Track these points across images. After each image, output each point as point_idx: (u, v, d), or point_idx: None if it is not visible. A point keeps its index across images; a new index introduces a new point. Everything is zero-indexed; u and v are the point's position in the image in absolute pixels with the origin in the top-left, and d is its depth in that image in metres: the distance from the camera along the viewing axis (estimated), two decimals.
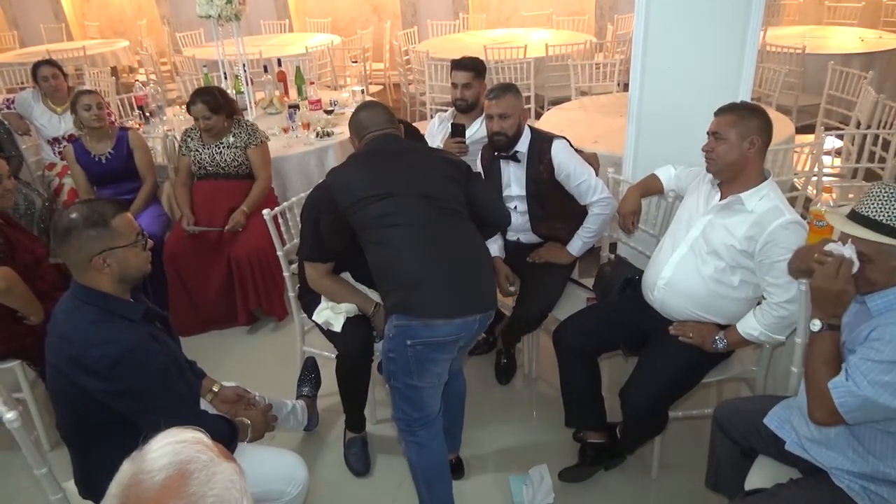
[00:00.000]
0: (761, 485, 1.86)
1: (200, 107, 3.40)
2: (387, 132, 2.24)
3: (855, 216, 1.61)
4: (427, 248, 2.06)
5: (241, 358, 3.38)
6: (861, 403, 1.54)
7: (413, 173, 2.16)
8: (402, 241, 2.06)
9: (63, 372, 1.66)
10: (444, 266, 2.05)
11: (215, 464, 0.94)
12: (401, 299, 2.04)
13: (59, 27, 9.21)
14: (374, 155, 2.20)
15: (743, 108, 2.16)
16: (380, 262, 2.11)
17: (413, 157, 2.25)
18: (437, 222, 2.10)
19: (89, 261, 1.66)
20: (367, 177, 2.13)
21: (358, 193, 2.10)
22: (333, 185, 2.17)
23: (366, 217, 2.09)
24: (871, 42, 5.90)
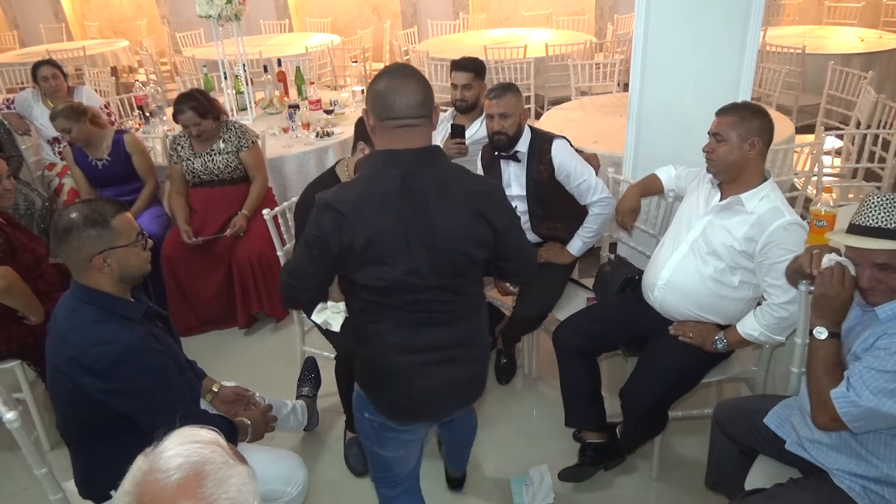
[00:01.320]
0: (761, 484, 1.85)
1: (189, 115, 3.29)
2: (417, 129, 1.61)
3: (858, 229, 1.61)
4: (410, 339, 1.69)
5: (240, 358, 3.38)
6: (864, 413, 1.54)
7: (434, 236, 1.60)
8: (385, 326, 1.69)
9: (63, 372, 1.66)
10: (420, 367, 1.71)
11: (230, 466, 0.95)
12: (364, 377, 1.81)
13: (59, 27, 9.21)
14: (394, 196, 1.58)
15: (744, 108, 2.16)
16: (358, 323, 1.76)
17: (444, 205, 1.60)
18: (435, 305, 1.67)
19: (89, 260, 1.66)
20: (377, 228, 1.58)
21: (363, 251, 1.59)
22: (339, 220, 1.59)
23: (355, 275, 1.66)
24: (871, 42, 5.90)
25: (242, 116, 4.49)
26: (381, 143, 1.64)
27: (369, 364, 1.76)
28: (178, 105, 3.33)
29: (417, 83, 1.61)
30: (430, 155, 1.64)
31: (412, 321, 1.67)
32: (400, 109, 1.58)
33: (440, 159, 1.67)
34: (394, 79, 1.60)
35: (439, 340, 1.70)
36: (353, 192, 1.60)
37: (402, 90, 1.58)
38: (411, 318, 1.67)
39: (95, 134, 3.54)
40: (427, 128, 1.64)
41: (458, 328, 1.72)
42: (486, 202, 1.65)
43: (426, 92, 1.62)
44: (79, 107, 3.48)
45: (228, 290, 3.50)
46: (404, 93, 1.58)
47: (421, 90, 1.60)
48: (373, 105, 1.62)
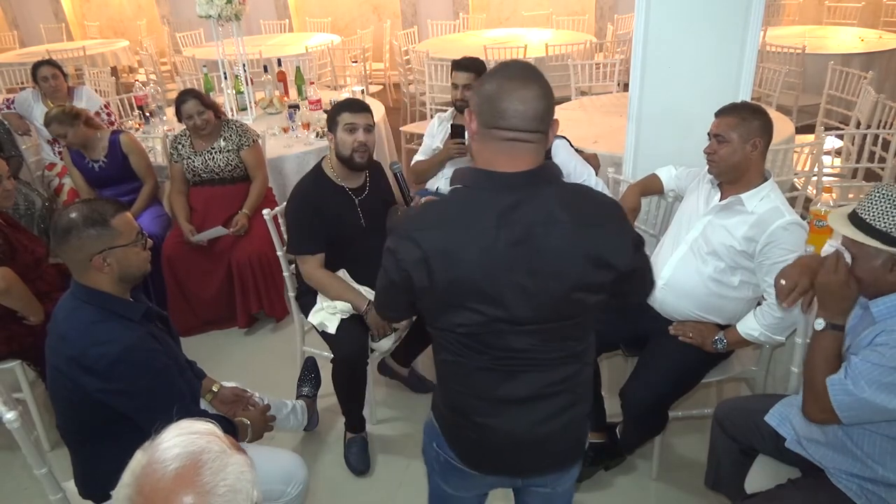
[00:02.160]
0: (761, 484, 1.86)
1: (193, 102, 3.35)
2: (529, 147, 1.32)
3: (853, 217, 1.62)
4: (496, 384, 1.44)
5: (240, 358, 3.38)
6: (856, 403, 1.54)
7: (535, 280, 1.32)
8: (468, 367, 1.45)
9: (63, 372, 1.66)
10: (503, 414, 1.47)
11: (227, 455, 0.96)
12: (440, 411, 1.58)
13: (58, 27, 9.21)
14: (488, 233, 1.30)
15: (744, 109, 2.16)
16: (437, 356, 1.53)
17: (549, 243, 1.31)
18: (529, 350, 1.41)
19: (89, 260, 1.66)
20: (464, 270, 1.32)
21: (446, 293, 1.35)
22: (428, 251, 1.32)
23: (435, 317, 1.43)
24: (872, 42, 5.90)
25: (242, 116, 4.49)
26: (483, 156, 1.35)
27: (446, 399, 1.54)
28: (181, 97, 3.39)
29: (540, 89, 1.30)
30: (539, 179, 1.34)
31: (500, 367, 1.42)
32: (513, 119, 1.29)
33: (552, 184, 1.35)
34: (511, 80, 1.30)
35: (530, 387, 1.44)
36: (438, 221, 1.35)
37: (519, 95, 1.28)
38: (499, 364, 1.42)
39: (91, 136, 3.53)
40: (542, 146, 1.34)
41: (554, 375, 1.45)
42: (601, 240, 1.34)
43: (549, 101, 1.32)
44: (71, 111, 3.47)
45: (228, 290, 3.51)
46: (522, 99, 1.28)
47: (543, 98, 1.30)
48: (479, 108, 1.33)
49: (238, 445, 1.01)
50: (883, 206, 1.55)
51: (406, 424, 2.86)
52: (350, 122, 2.42)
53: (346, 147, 2.45)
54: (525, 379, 1.43)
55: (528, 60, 5.52)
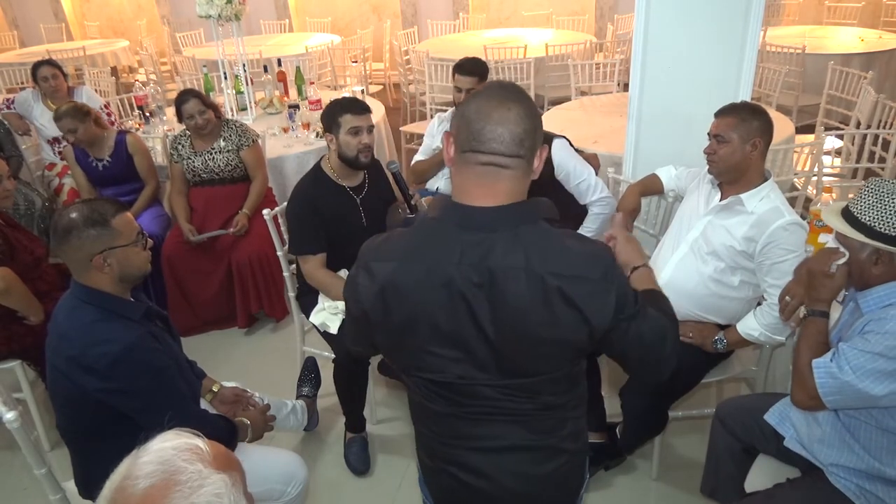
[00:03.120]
0: (761, 483, 1.86)
1: (194, 102, 3.36)
2: (505, 173, 1.20)
3: (845, 211, 1.65)
4: (468, 429, 1.33)
5: (240, 358, 3.38)
6: (840, 387, 1.56)
7: (499, 330, 1.21)
8: (437, 411, 1.34)
9: (63, 371, 1.66)
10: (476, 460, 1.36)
11: (202, 476, 0.91)
12: (419, 453, 1.51)
13: (58, 27, 9.21)
14: (448, 271, 1.20)
15: (744, 109, 2.16)
16: (409, 398, 1.45)
17: (518, 292, 1.18)
18: (503, 402, 1.29)
19: (90, 260, 1.66)
20: (418, 309, 1.23)
21: (402, 332, 1.27)
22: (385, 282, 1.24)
23: (395, 357, 1.37)
24: (872, 42, 5.90)
25: (242, 116, 4.49)
26: (457, 183, 1.24)
27: (419, 439, 1.47)
28: (182, 97, 3.40)
29: (522, 110, 1.19)
30: (515, 217, 1.20)
31: (470, 415, 1.31)
32: (489, 141, 1.17)
33: (530, 224, 1.20)
34: (490, 100, 1.19)
35: (506, 438, 1.32)
36: (398, 252, 1.25)
37: (497, 115, 1.18)
38: (469, 412, 1.31)
39: (99, 135, 3.55)
40: (520, 172, 1.20)
41: (533, 426, 1.32)
42: (577, 292, 1.18)
43: (531, 123, 1.19)
44: (83, 107, 3.50)
45: (228, 290, 3.51)
46: (500, 120, 1.17)
47: (525, 119, 1.18)
48: (457, 130, 1.22)
49: (223, 462, 0.96)
50: (869, 201, 1.58)
51: (406, 424, 2.86)
52: (354, 125, 2.43)
53: (350, 149, 2.46)
54: (500, 428, 1.31)
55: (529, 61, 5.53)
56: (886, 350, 1.50)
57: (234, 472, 0.96)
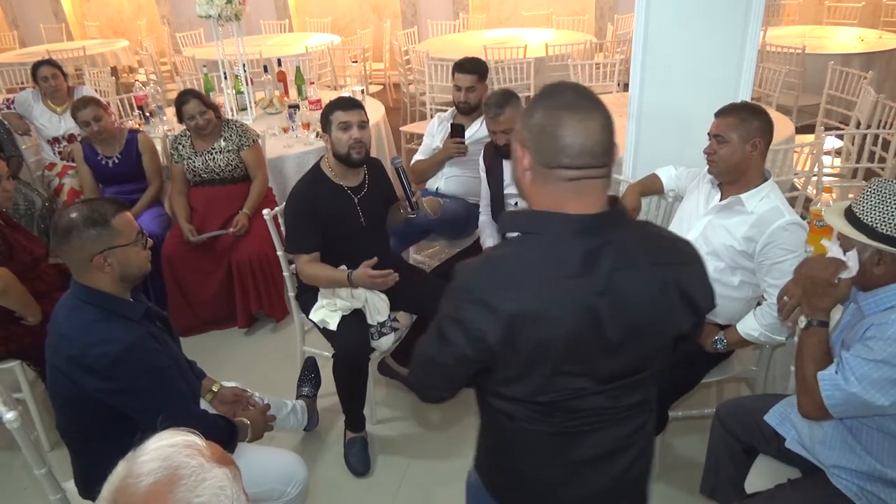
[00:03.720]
0: (761, 484, 1.86)
1: (194, 103, 3.37)
2: (599, 183, 1.18)
3: (848, 212, 1.63)
4: (565, 447, 1.30)
5: (240, 358, 3.38)
6: (847, 398, 1.55)
7: (623, 333, 1.19)
8: (532, 434, 1.29)
9: (63, 371, 1.66)
10: (573, 475, 1.33)
11: (205, 470, 0.92)
12: (497, 482, 1.43)
13: (58, 27, 9.21)
14: (574, 282, 1.14)
15: (744, 109, 2.16)
16: (493, 424, 1.35)
17: (636, 290, 1.18)
18: (603, 408, 1.27)
19: (90, 260, 1.66)
20: (554, 331, 1.15)
21: (530, 359, 1.18)
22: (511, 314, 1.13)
23: (506, 387, 1.25)
24: (872, 42, 5.90)
25: (242, 116, 4.49)
26: (545, 197, 1.18)
27: (507, 465, 1.38)
28: (182, 97, 3.41)
29: (604, 118, 1.15)
30: (617, 219, 1.20)
31: (570, 429, 1.27)
32: (579, 157, 1.13)
33: (627, 223, 1.23)
34: (573, 110, 1.13)
35: (601, 446, 1.30)
36: (514, 278, 1.15)
37: (584, 128, 1.12)
38: (569, 427, 1.27)
39: (114, 130, 3.61)
40: (610, 179, 1.20)
41: (624, 429, 1.31)
42: (686, 278, 1.22)
43: (613, 129, 1.16)
44: (99, 100, 3.57)
45: (228, 290, 3.50)
46: (587, 132, 1.12)
47: (607, 128, 1.15)
48: (537, 144, 1.16)
49: (222, 457, 0.97)
50: (872, 202, 1.57)
51: (406, 425, 2.87)
52: (343, 120, 2.43)
53: (342, 145, 2.46)
54: (595, 438, 1.29)
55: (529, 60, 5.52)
56: (890, 357, 1.49)
57: (233, 468, 0.96)
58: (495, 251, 1.22)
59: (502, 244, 1.23)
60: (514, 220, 1.23)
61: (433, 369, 1.29)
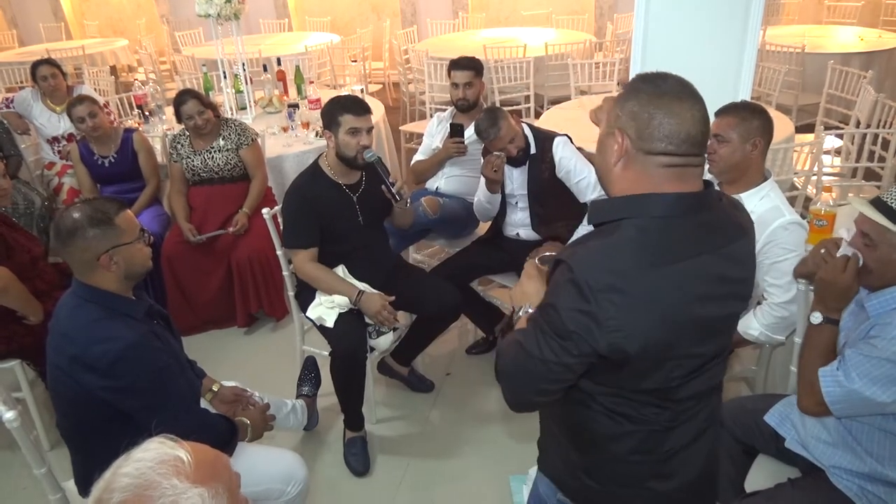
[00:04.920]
0: (761, 483, 1.86)
1: (193, 103, 3.36)
2: (697, 171, 1.20)
3: (877, 202, 1.59)
4: (671, 442, 1.30)
5: (239, 357, 3.38)
6: (846, 395, 1.55)
7: (726, 304, 1.24)
8: (650, 437, 1.29)
9: (65, 370, 1.66)
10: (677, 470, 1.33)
11: (178, 492, 0.87)
12: (586, 485, 1.38)
13: (58, 26, 9.19)
14: (697, 259, 1.17)
15: (744, 108, 2.16)
16: (596, 433, 1.31)
17: (733, 264, 1.24)
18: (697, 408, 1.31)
19: (96, 259, 1.67)
20: (690, 311, 1.18)
21: (660, 345, 1.17)
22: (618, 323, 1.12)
23: (635, 381, 1.22)
24: (871, 41, 5.90)
25: (242, 115, 4.49)
26: (638, 183, 1.18)
27: (602, 470, 1.36)
28: (181, 97, 3.40)
29: (704, 108, 1.17)
30: (715, 195, 1.25)
31: (675, 416, 1.28)
32: (684, 144, 1.15)
33: (720, 201, 1.27)
34: (679, 100, 1.15)
35: (693, 430, 1.32)
36: (642, 263, 1.13)
37: (689, 117, 1.15)
38: (674, 413, 1.28)
39: (109, 129, 3.61)
40: (703, 168, 1.23)
41: (708, 408, 1.34)
42: (751, 249, 1.31)
43: (703, 113, 1.18)
44: (95, 98, 3.58)
45: (228, 290, 3.50)
46: (692, 122, 1.15)
47: (708, 118, 1.19)
48: (638, 128, 1.16)
49: (209, 474, 0.92)
50: None
51: (406, 424, 2.86)
52: (354, 126, 2.44)
53: (350, 149, 2.46)
54: (697, 418, 1.31)
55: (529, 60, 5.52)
56: (893, 355, 1.49)
57: (216, 483, 0.92)
58: (606, 239, 1.17)
59: (603, 231, 1.19)
60: (612, 206, 1.21)
61: (538, 374, 1.21)
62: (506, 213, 2.93)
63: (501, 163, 2.70)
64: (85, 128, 3.49)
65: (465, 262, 2.99)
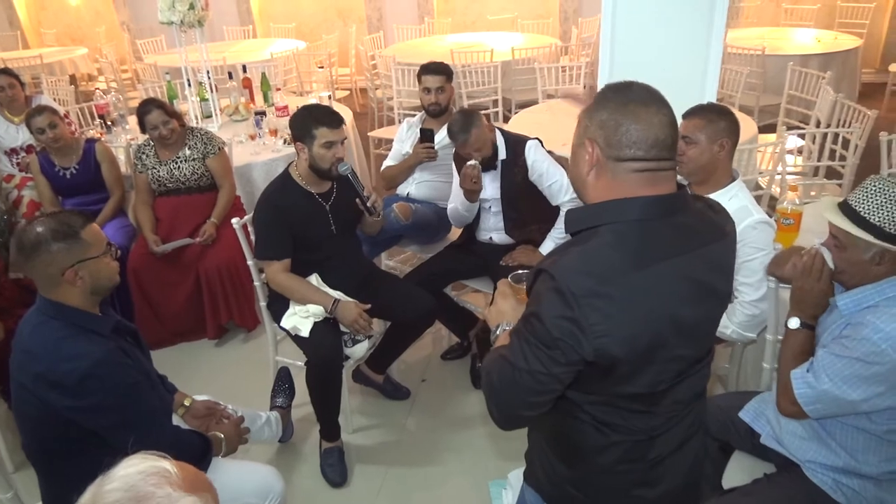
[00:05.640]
0: (738, 480, 1.88)
1: (157, 113, 3.30)
2: (667, 175, 1.21)
3: (844, 207, 1.63)
4: (657, 449, 1.32)
5: (211, 370, 3.32)
6: (818, 395, 1.58)
7: (709, 304, 1.28)
8: (617, 438, 1.29)
9: (29, 389, 1.61)
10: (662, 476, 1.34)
11: (173, 500, 0.87)
12: (572, 496, 1.38)
13: (13, 35, 8.96)
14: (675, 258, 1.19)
15: (710, 110, 2.19)
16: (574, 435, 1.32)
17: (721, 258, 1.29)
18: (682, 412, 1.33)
19: (61, 274, 1.62)
20: (674, 310, 1.19)
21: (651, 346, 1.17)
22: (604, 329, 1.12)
23: (616, 384, 1.21)
24: (828, 43, 6.05)
25: (207, 124, 4.41)
26: (611, 190, 1.20)
27: (593, 481, 1.36)
28: (144, 107, 3.33)
29: (671, 112, 1.20)
30: (688, 197, 1.26)
31: (661, 424, 1.30)
32: (653, 149, 1.17)
33: (693, 202, 1.28)
34: (645, 106, 1.17)
35: (679, 435, 1.34)
36: (624, 267, 1.13)
37: (657, 122, 1.17)
38: (667, 422, 1.30)
39: (70, 139, 3.53)
40: (675, 171, 1.24)
41: (693, 413, 1.36)
42: (730, 251, 1.33)
43: (677, 124, 1.21)
44: (55, 108, 3.50)
45: (197, 301, 3.44)
46: (659, 124, 1.17)
47: (675, 123, 1.20)
48: (606, 137, 1.18)
49: (194, 484, 0.92)
50: (878, 200, 1.56)
51: (382, 432, 2.84)
52: (329, 139, 2.41)
53: (324, 161, 2.44)
54: (682, 424, 1.33)
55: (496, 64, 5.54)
56: (864, 356, 1.51)
57: (205, 494, 0.92)
58: (584, 245, 1.17)
59: (581, 238, 1.19)
60: (587, 213, 1.22)
61: (526, 386, 1.20)
62: (479, 217, 2.93)
63: (478, 172, 2.68)
64: (45, 139, 3.40)
65: (439, 268, 2.98)
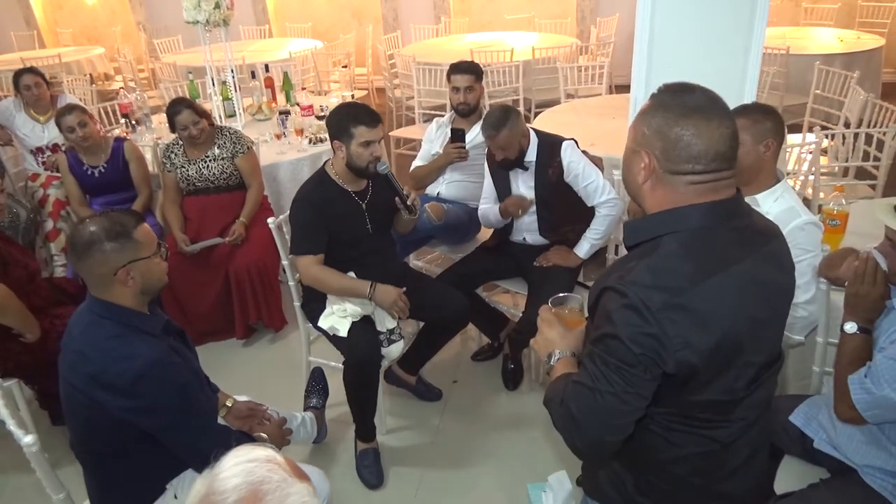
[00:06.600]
0: (790, 485, 1.85)
1: (187, 113, 3.29)
2: (725, 184, 1.20)
3: None
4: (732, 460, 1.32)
5: (241, 370, 3.31)
6: (876, 401, 1.54)
7: (776, 307, 1.28)
8: (686, 440, 1.28)
9: (80, 389, 1.59)
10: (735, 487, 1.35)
11: (288, 484, 0.91)
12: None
13: (30, 34, 9.01)
14: (739, 263, 1.18)
15: (756, 110, 2.16)
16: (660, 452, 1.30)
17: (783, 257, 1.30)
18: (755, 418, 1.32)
19: (114, 274, 1.60)
20: (745, 315, 1.18)
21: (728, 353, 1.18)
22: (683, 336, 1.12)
23: (697, 393, 1.21)
24: (851, 42, 6.01)
25: (231, 123, 4.40)
26: (671, 200, 1.18)
27: (666, 491, 1.34)
28: (174, 107, 3.32)
29: (732, 122, 1.17)
30: (743, 202, 1.25)
31: (731, 432, 1.29)
32: (713, 160, 1.15)
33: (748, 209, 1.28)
34: (707, 119, 1.14)
35: (751, 444, 1.34)
36: (693, 276, 1.12)
37: (718, 133, 1.14)
38: (730, 430, 1.28)
39: (99, 138, 3.53)
40: (734, 178, 1.21)
41: (762, 421, 1.35)
42: (787, 248, 1.32)
43: (731, 125, 1.17)
44: (84, 107, 3.50)
45: (226, 301, 3.42)
46: (721, 137, 1.14)
47: (736, 134, 1.17)
48: (664, 149, 1.16)
49: (300, 472, 0.97)
50: None
51: (416, 434, 2.82)
52: (368, 138, 2.40)
53: (362, 160, 2.42)
54: (749, 434, 1.31)
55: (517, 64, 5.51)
56: None
57: (308, 482, 0.95)
58: (650, 258, 1.15)
59: (644, 250, 1.18)
60: (647, 224, 1.21)
61: (610, 409, 1.16)
62: (512, 217, 2.91)
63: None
64: (75, 137, 3.40)
65: (471, 269, 2.96)
